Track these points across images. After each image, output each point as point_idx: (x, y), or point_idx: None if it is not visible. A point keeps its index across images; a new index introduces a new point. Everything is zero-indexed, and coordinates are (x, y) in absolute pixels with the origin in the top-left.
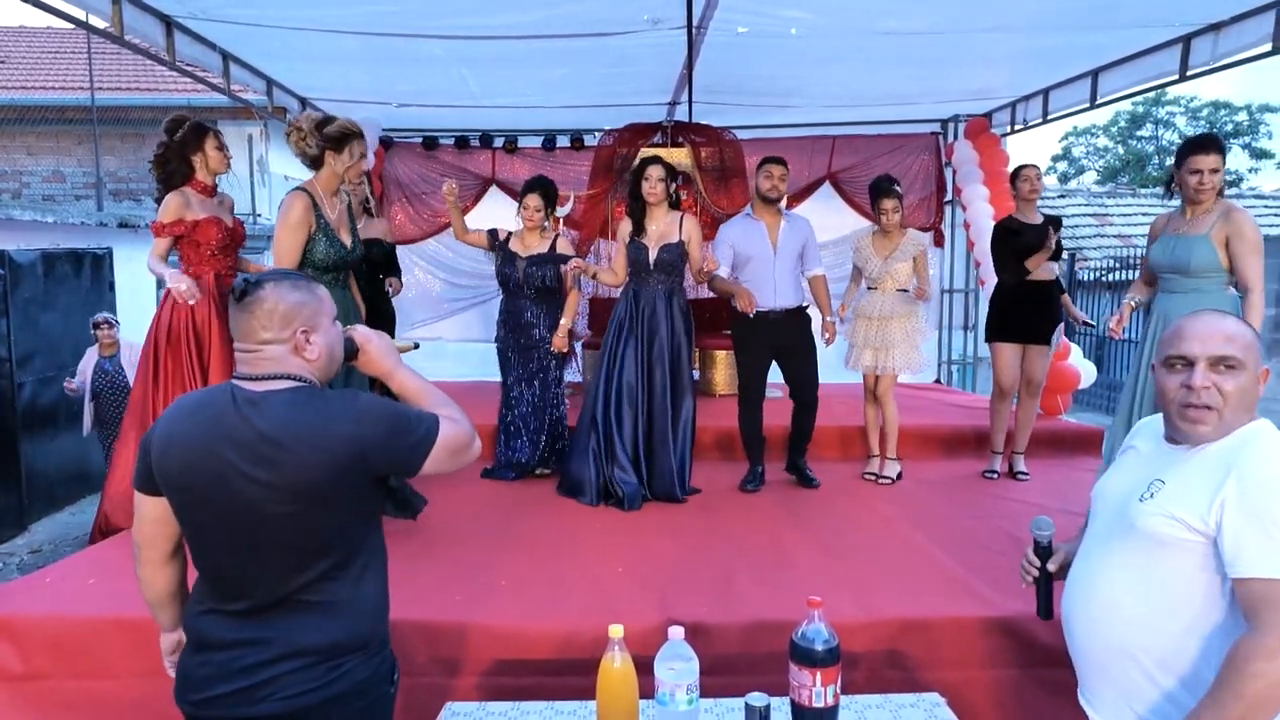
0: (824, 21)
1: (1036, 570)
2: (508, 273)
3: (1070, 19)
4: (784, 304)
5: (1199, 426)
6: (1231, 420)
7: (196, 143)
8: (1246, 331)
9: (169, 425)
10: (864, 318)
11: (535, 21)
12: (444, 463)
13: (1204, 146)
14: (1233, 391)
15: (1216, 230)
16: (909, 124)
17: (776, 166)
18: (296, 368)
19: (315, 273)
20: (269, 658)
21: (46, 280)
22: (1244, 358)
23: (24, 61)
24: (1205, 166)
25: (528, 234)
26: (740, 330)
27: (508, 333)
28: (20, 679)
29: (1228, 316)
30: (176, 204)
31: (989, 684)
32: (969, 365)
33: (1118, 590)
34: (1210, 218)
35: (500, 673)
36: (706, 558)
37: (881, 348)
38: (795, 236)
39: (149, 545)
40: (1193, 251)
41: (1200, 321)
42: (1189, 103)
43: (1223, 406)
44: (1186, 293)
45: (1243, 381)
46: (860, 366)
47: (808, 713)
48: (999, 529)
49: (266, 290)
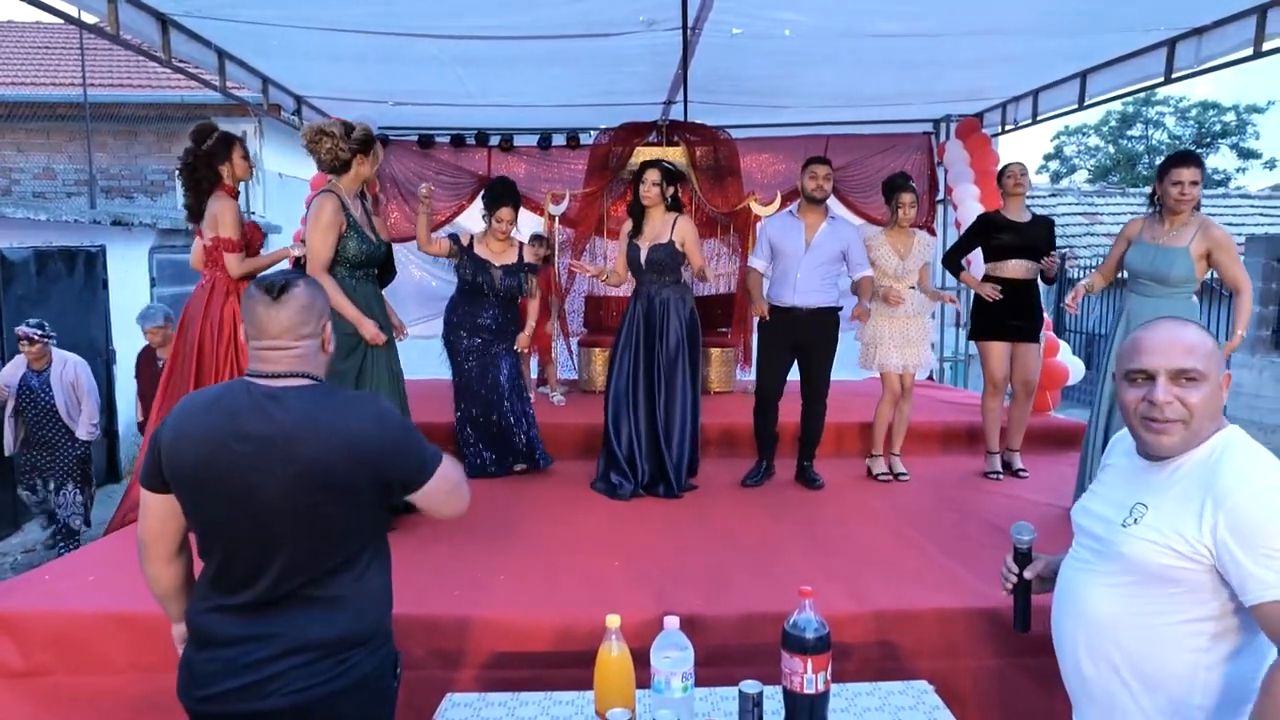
0: (817, 23)
1: (1015, 578)
2: (479, 280)
3: (1059, 23)
4: (805, 303)
5: (1163, 439)
6: (1200, 429)
7: (225, 152)
8: (1206, 340)
9: (181, 421)
10: (886, 317)
11: (531, 22)
12: (437, 496)
13: (1184, 161)
14: (1197, 403)
15: (1196, 243)
16: (901, 124)
17: (821, 167)
18: (316, 365)
19: (348, 270)
20: (275, 653)
21: (40, 278)
22: (1205, 368)
23: (13, 57)
24: (1185, 179)
25: (494, 241)
26: (764, 326)
27: (463, 334)
28: (21, 675)
29: (1187, 325)
30: (235, 210)
31: (977, 673)
32: (960, 362)
33: (1113, 618)
34: (1189, 230)
35: (499, 665)
36: (702, 551)
37: (906, 345)
38: (834, 240)
39: (156, 542)
40: (1173, 264)
41: (1159, 333)
42: (1178, 103)
43: (1189, 418)
44: (1159, 298)
45: (1206, 392)
46: (884, 366)
47: (799, 699)
48: (988, 523)
49: (301, 288)
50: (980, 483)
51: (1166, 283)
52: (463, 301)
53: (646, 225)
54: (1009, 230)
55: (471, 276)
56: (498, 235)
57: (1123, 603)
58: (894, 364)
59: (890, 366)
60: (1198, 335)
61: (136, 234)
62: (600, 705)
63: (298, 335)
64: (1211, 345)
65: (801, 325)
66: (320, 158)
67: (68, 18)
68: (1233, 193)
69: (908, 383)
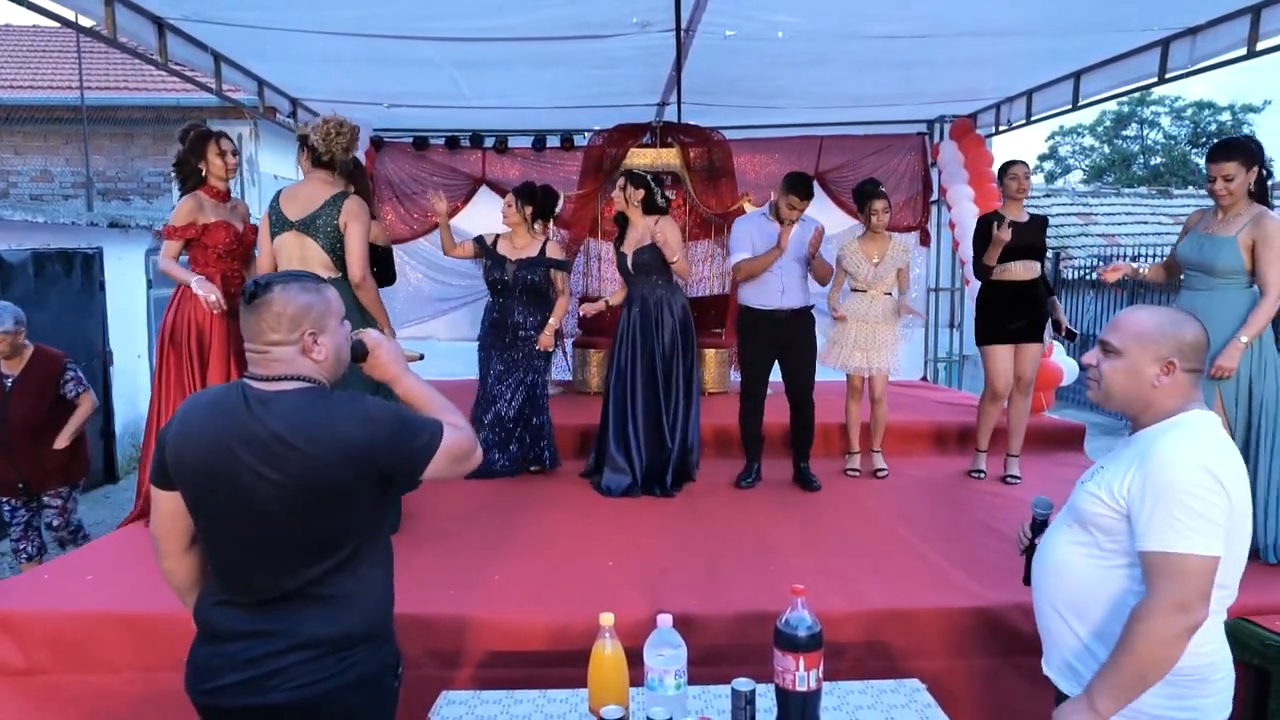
0: (810, 25)
1: (1028, 541)
2: (497, 275)
3: (1052, 23)
4: (790, 304)
5: (1089, 391)
6: (1112, 395)
7: (200, 149)
8: (1141, 328)
9: (184, 422)
10: (856, 320)
11: (526, 24)
12: (445, 469)
13: (1217, 154)
14: (1107, 372)
15: (1245, 234)
16: (895, 124)
17: (804, 201)
18: (305, 368)
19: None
20: (279, 648)
21: (37, 280)
22: (1123, 347)
23: (10, 60)
24: (1219, 174)
25: (515, 235)
26: (746, 328)
27: (493, 332)
28: (21, 673)
29: (1139, 311)
30: (189, 208)
31: (969, 672)
32: (954, 363)
33: (1065, 561)
34: (1241, 220)
35: (494, 664)
36: (695, 551)
37: (872, 349)
38: (803, 238)
39: (166, 538)
40: (1219, 252)
41: (1120, 312)
42: (1174, 103)
43: (1100, 380)
44: (1209, 290)
45: (1119, 366)
46: (848, 367)
47: (791, 696)
48: (981, 523)
49: (275, 293)
50: (974, 483)
51: (1212, 272)
52: (493, 301)
53: (630, 231)
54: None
55: (489, 272)
56: (508, 222)
57: (1069, 548)
58: (858, 365)
59: (852, 367)
60: (1133, 320)
61: (133, 236)
62: (594, 703)
63: (268, 341)
64: (1144, 331)
65: (783, 327)
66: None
67: (64, 21)
68: None
69: (879, 386)
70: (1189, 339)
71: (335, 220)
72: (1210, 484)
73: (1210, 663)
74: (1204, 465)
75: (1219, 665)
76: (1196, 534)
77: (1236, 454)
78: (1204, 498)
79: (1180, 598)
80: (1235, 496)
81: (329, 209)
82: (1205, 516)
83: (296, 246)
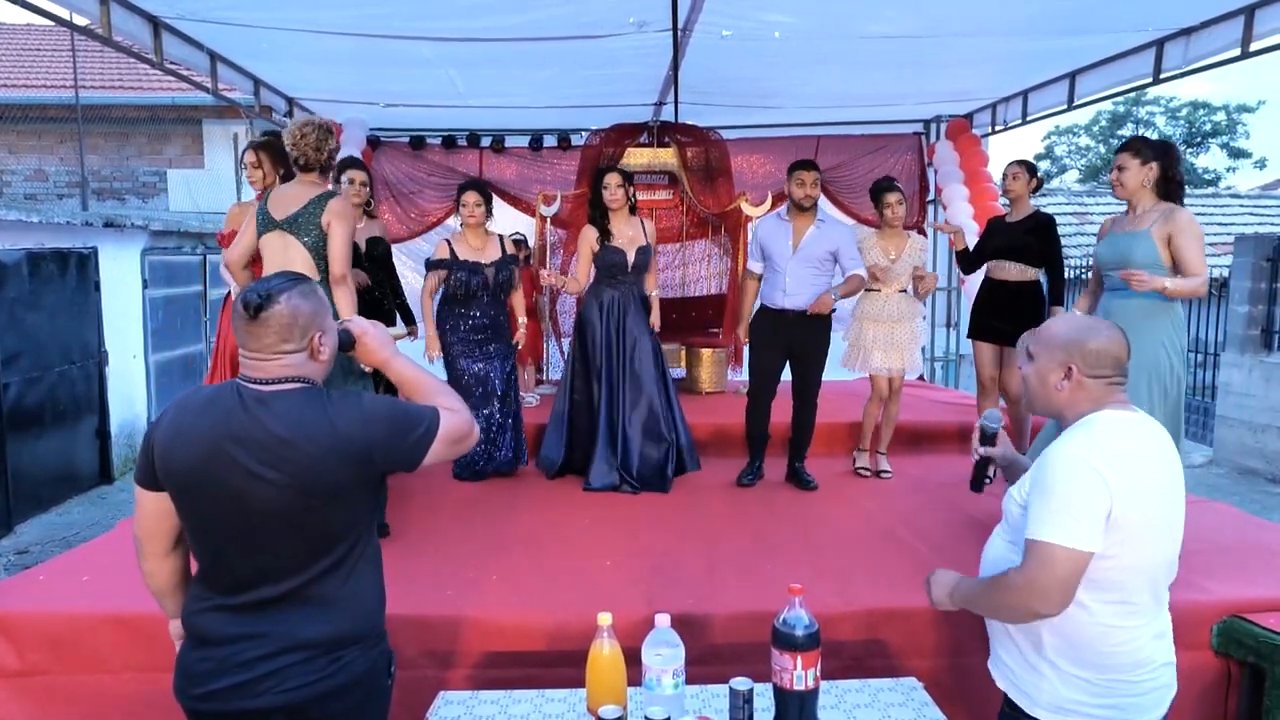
0: (807, 25)
1: (979, 455)
2: (474, 281)
3: (1047, 24)
4: (794, 305)
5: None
6: (1081, 408)
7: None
8: (1049, 334)
9: (175, 422)
10: (872, 320)
11: (522, 24)
12: (444, 453)
13: (1118, 147)
14: (1025, 377)
15: (1157, 228)
16: (892, 124)
17: (808, 173)
18: (311, 371)
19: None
20: (270, 651)
21: (32, 280)
22: (1035, 353)
23: (4, 59)
24: (1114, 165)
25: (471, 235)
26: (757, 328)
27: (472, 336)
28: (17, 675)
29: (1057, 320)
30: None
31: (966, 670)
32: (952, 362)
33: (996, 559)
34: (1152, 216)
35: (491, 665)
36: (693, 550)
37: (893, 349)
38: (822, 242)
39: (149, 539)
40: (1135, 245)
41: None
42: (1169, 103)
43: (1025, 384)
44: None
45: (1031, 371)
46: (869, 368)
47: (789, 695)
48: (978, 522)
49: (281, 304)
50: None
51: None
52: (451, 306)
53: (616, 229)
54: (1000, 232)
55: (466, 282)
56: (469, 222)
57: (1001, 547)
58: (878, 366)
59: (875, 369)
60: (1050, 327)
61: (129, 236)
62: (592, 702)
63: (277, 350)
64: (1053, 338)
65: (793, 327)
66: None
67: (59, 20)
68: (1223, 192)
69: (896, 384)
70: (1092, 346)
71: (319, 220)
72: (1088, 479)
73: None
74: (1085, 460)
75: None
76: (1060, 526)
77: (1143, 456)
78: (1079, 491)
79: (1042, 583)
80: (1123, 496)
81: (313, 209)
82: (1075, 509)
83: (280, 246)
